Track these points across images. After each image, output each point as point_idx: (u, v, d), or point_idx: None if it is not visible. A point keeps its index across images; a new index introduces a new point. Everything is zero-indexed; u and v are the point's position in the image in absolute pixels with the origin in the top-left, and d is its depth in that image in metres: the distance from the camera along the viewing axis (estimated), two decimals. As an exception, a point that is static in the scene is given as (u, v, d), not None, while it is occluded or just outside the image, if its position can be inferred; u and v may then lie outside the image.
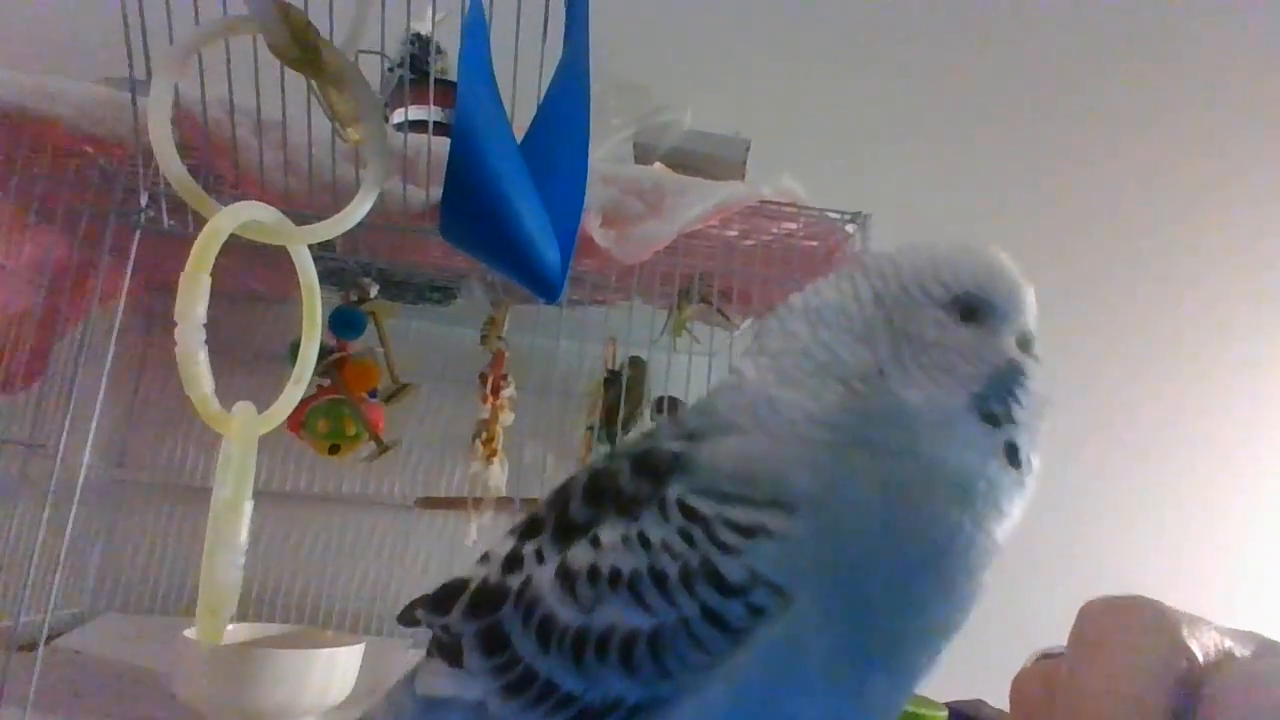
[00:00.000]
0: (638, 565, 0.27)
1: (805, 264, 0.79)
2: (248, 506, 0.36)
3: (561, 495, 0.32)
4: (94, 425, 0.66)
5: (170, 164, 0.39)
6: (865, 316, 0.31)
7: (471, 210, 0.44)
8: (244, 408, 0.38)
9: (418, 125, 0.73)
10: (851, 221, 0.72)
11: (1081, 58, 1.32)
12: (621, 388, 1.01)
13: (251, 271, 0.92)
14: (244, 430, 0.37)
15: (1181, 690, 0.27)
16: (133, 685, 0.78)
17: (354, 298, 0.92)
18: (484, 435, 0.96)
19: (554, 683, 0.28)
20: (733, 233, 0.76)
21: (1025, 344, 0.32)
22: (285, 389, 0.42)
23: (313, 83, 0.59)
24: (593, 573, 0.28)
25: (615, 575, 0.28)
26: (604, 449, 1.04)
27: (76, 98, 0.68)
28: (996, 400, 0.30)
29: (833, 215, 0.72)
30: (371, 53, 0.58)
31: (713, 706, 0.27)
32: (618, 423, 1.01)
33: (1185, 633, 0.28)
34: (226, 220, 0.38)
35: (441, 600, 0.33)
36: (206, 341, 0.37)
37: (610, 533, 0.29)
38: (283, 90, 0.60)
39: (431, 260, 0.85)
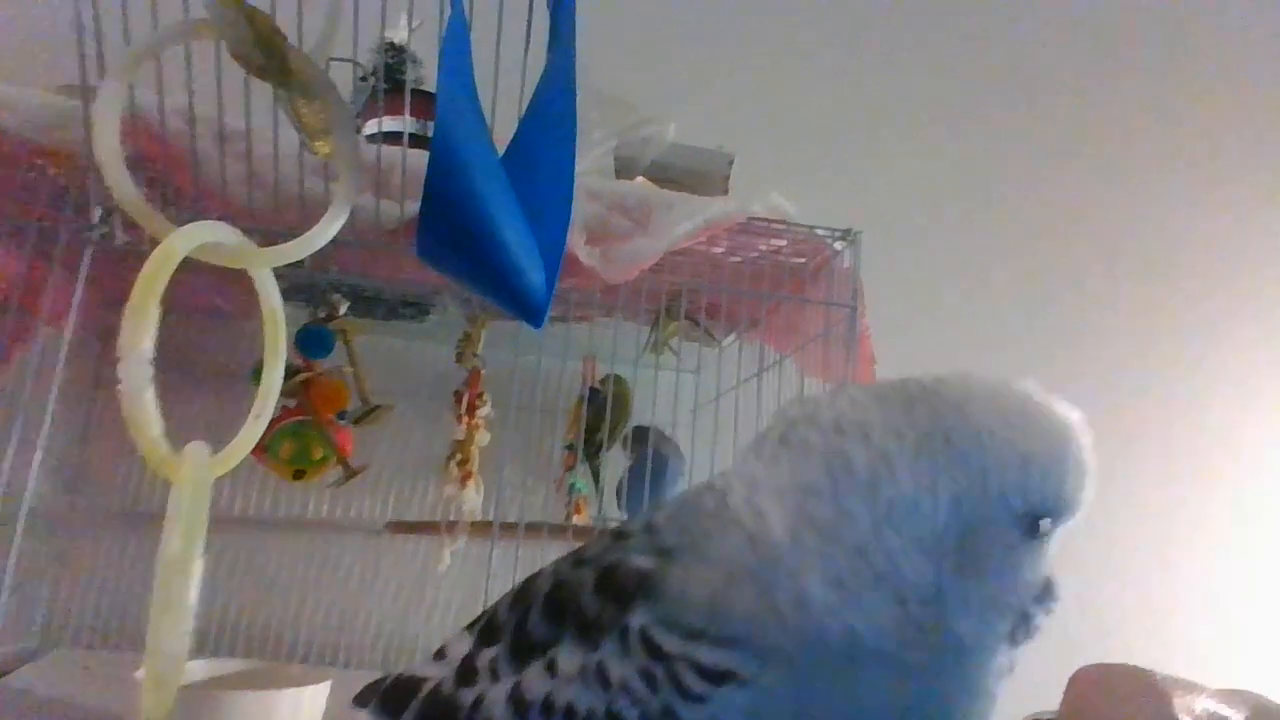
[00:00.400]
0: (594, 705, 0.26)
1: (792, 281, 0.77)
2: (198, 565, 0.33)
3: (521, 601, 0.30)
4: (38, 449, 0.62)
5: (117, 177, 0.36)
6: (938, 524, 0.26)
7: (451, 229, 0.41)
8: (196, 449, 0.35)
9: (391, 137, 0.69)
10: (841, 239, 0.70)
11: (1075, 70, 1.32)
12: (601, 406, 0.99)
13: (212, 287, 0.88)
14: (195, 476, 0.34)
15: None
16: (83, 729, 0.73)
17: (322, 315, 0.88)
18: (459, 456, 0.93)
19: None
20: (719, 249, 0.74)
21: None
22: (245, 425, 0.39)
23: (279, 92, 0.56)
24: (547, 706, 0.27)
25: (569, 712, 0.26)
26: (584, 468, 1.02)
27: (25, 106, 0.63)
28: (1027, 627, 0.29)
29: (822, 233, 0.71)
30: (343, 60, 0.55)
31: None
32: (596, 442, 0.99)
33: (1175, 702, 0.28)
34: (180, 242, 0.35)
35: (394, 699, 0.32)
36: (161, 359, 0.34)
37: (568, 660, 0.27)
38: (247, 99, 0.57)
39: (404, 276, 0.82)
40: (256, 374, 0.85)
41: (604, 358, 0.98)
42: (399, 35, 0.81)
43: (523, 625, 0.29)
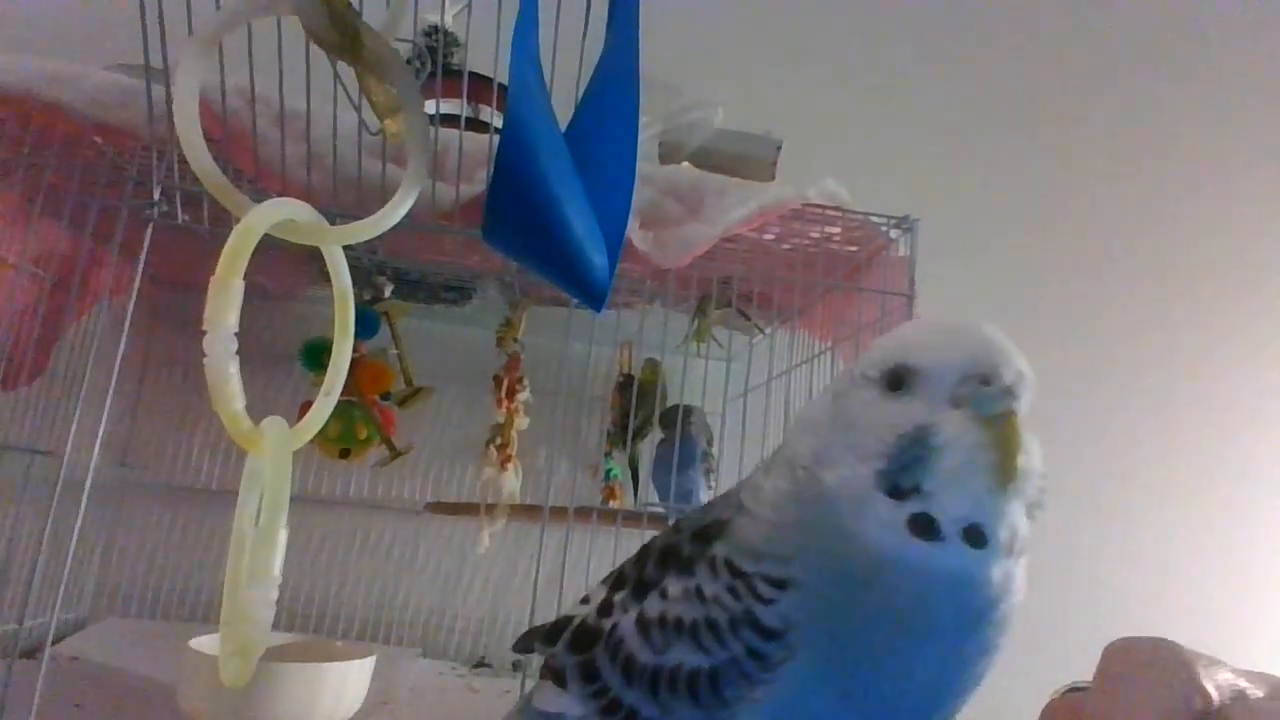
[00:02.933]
0: (695, 615, 0.33)
1: (843, 269, 0.77)
2: (282, 535, 0.33)
3: (641, 559, 0.39)
4: (103, 426, 0.63)
5: (198, 153, 0.36)
6: (821, 409, 0.35)
7: (519, 213, 0.41)
8: (275, 423, 0.35)
9: (446, 119, 0.69)
10: (897, 227, 0.69)
11: (1140, 58, 1.28)
12: (638, 392, 0.99)
13: (261, 267, 0.89)
14: (277, 448, 0.34)
15: None
16: (134, 697, 0.75)
17: (367, 297, 0.89)
18: (498, 440, 0.93)
19: (636, 710, 0.34)
20: (769, 236, 0.73)
21: (971, 400, 0.31)
22: (316, 401, 0.39)
23: (338, 71, 0.56)
24: (662, 621, 0.34)
25: (679, 623, 0.34)
26: (620, 454, 1.02)
27: (87, 84, 0.64)
28: (902, 473, 0.31)
29: (877, 220, 0.70)
30: (404, 41, 0.55)
31: None
32: (631, 428, 0.99)
33: (1201, 673, 0.29)
34: (260, 219, 0.35)
35: (552, 633, 0.40)
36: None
37: (674, 586, 0.35)
38: (307, 79, 0.57)
39: (447, 260, 0.82)
40: (305, 355, 0.88)
41: (644, 345, 0.98)
42: (437, 18, 0.80)
43: (641, 573, 0.38)
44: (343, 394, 0.85)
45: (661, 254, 0.63)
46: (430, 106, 0.74)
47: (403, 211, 0.40)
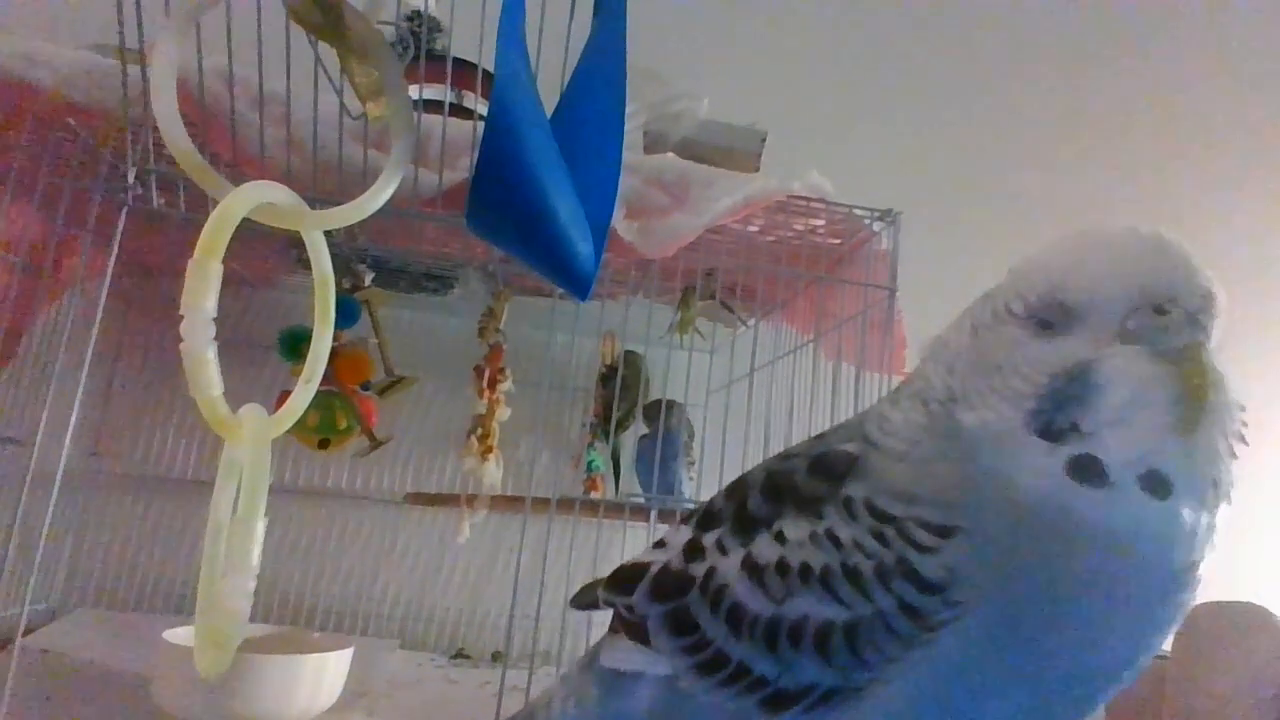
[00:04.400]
0: (829, 561, 0.29)
1: (825, 262, 0.77)
2: (260, 525, 0.33)
3: (737, 490, 0.34)
4: (74, 414, 0.62)
5: (177, 139, 0.35)
6: (959, 347, 0.31)
7: (504, 199, 0.40)
8: (254, 411, 0.35)
9: (429, 105, 0.68)
10: (881, 220, 0.70)
11: (1122, 50, 1.29)
12: (618, 384, 0.99)
13: (238, 254, 0.87)
14: (255, 436, 0.34)
15: None
16: (106, 688, 0.74)
17: (347, 285, 0.88)
18: (479, 430, 0.93)
19: (747, 666, 0.30)
20: (753, 228, 0.73)
21: (1143, 335, 0.27)
22: (296, 388, 0.39)
23: (319, 53, 0.55)
24: (781, 566, 0.30)
25: (805, 570, 0.29)
26: (602, 445, 1.02)
27: (61, 64, 0.62)
28: (1055, 413, 0.27)
29: (860, 213, 0.70)
30: (386, 24, 0.54)
31: (898, 697, 0.28)
32: (616, 420, 0.99)
33: None
34: (240, 201, 0.34)
35: (622, 581, 0.35)
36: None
37: (795, 529, 0.30)
38: (287, 61, 0.56)
39: (428, 248, 0.81)
40: (283, 343, 0.86)
41: (626, 337, 0.98)
42: (419, 3, 0.79)
43: (742, 509, 0.33)
44: (322, 384, 0.85)
45: (646, 244, 0.63)
46: (413, 92, 0.73)
47: (385, 196, 0.39)
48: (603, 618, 0.37)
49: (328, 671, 0.67)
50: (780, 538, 0.30)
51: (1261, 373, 1.27)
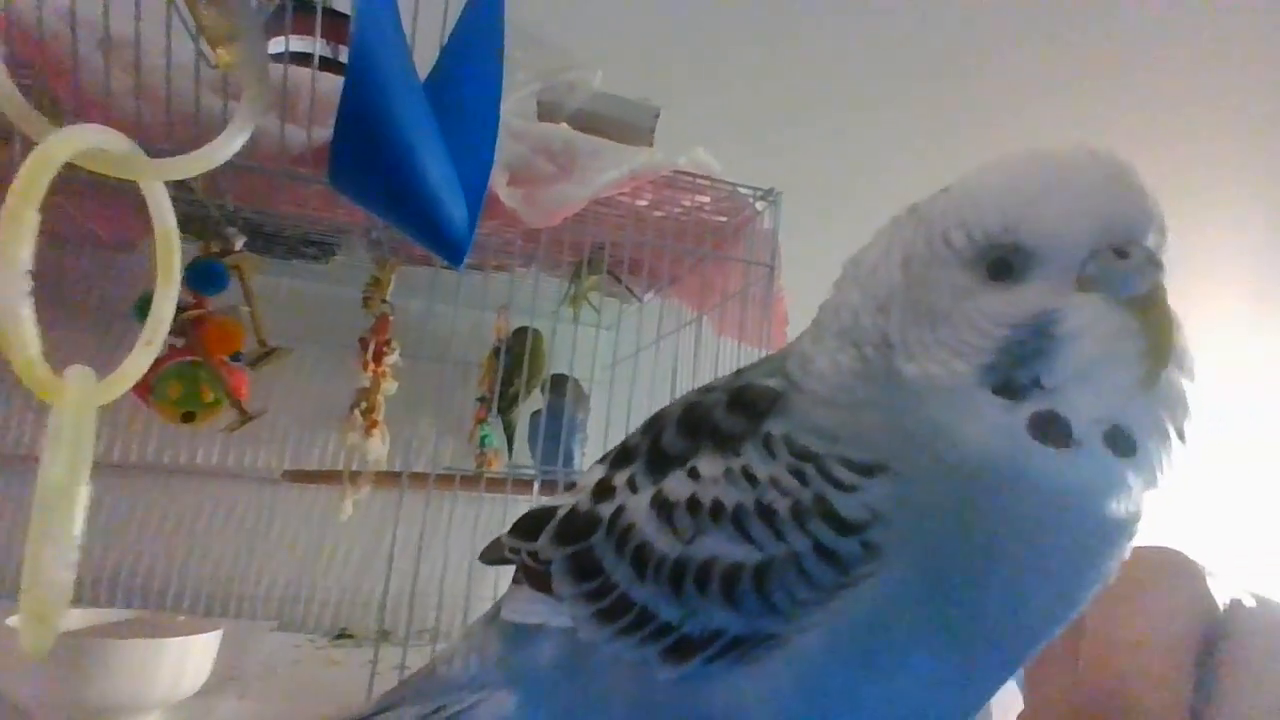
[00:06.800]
0: (742, 499, 0.27)
1: (713, 239, 0.78)
2: (83, 491, 0.30)
3: (651, 427, 0.31)
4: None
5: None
6: (890, 282, 0.28)
7: (368, 155, 0.39)
8: (79, 373, 0.32)
9: (298, 58, 0.65)
10: (763, 199, 0.71)
11: (1008, 30, 1.33)
12: (512, 358, 0.97)
13: (93, 213, 0.81)
14: (79, 400, 0.31)
15: (1207, 635, 0.27)
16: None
17: (215, 249, 0.83)
18: (363, 405, 0.90)
19: (650, 611, 0.28)
20: (643, 202, 0.73)
21: (1106, 281, 0.25)
22: (133, 351, 0.36)
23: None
24: (692, 504, 0.28)
25: (717, 508, 0.27)
26: (495, 421, 1.00)
27: None
28: (1014, 368, 0.25)
29: (744, 191, 0.71)
30: (248, -33, 0.50)
31: (812, 648, 0.26)
32: (510, 395, 0.97)
33: (1209, 580, 0.28)
34: (61, 145, 0.31)
35: (527, 527, 0.32)
36: (33, 294, 0.30)
37: (710, 465, 0.28)
38: (137, 2, 0.52)
39: (308, 212, 0.78)
40: (141, 309, 0.80)
41: (520, 310, 0.96)
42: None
43: (656, 444, 0.30)
44: (188, 353, 0.81)
45: (531, 213, 0.62)
46: (297, 44, 0.69)
47: (234, 148, 0.36)
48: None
49: (192, 655, 0.64)
50: (694, 474, 0.28)
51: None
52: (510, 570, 0.35)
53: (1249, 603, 0.30)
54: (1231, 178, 1.39)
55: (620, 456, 0.32)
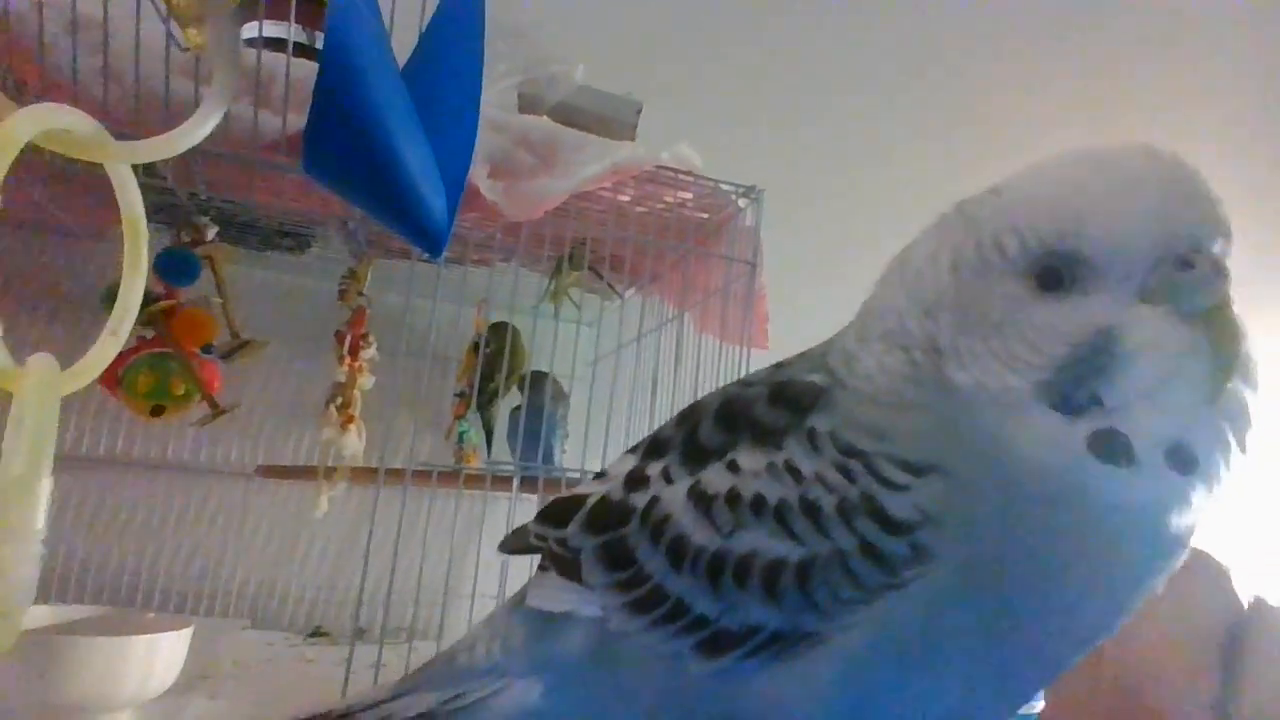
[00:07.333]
0: (785, 494, 0.26)
1: (694, 236, 0.77)
2: (45, 485, 0.29)
3: (687, 420, 0.31)
4: None
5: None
6: (938, 286, 0.27)
7: (344, 142, 0.38)
8: (42, 361, 0.31)
9: (273, 43, 0.63)
10: (745, 196, 0.70)
11: (993, 29, 1.33)
12: (491, 354, 0.96)
13: (60, 200, 0.79)
14: (41, 390, 0.30)
15: (1230, 633, 0.27)
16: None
17: (187, 239, 0.81)
18: (339, 399, 0.88)
19: (686, 603, 0.27)
20: (625, 198, 0.72)
21: (1170, 294, 0.24)
22: (99, 340, 0.35)
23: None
24: (731, 497, 0.27)
25: (758, 502, 0.27)
26: (474, 417, 0.99)
27: None
28: (1073, 386, 0.24)
29: (727, 188, 0.70)
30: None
31: (853, 647, 0.25)
32: (489, 391, 0.96)
33: (1233, 579, 0.29)
34: (24, 124, 0.30)
35: (555, 513, 0.32)
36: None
37: (750, 459, 0.28)
38: (105, -19, 0.50)
39: (283, 201, 0.76)
40: (108, 298, 0.78)
41: (499, 306, 0.95)
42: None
43: (693, 436, 0.30)
44: (158, 345, 0.79)
45: (511, 206, 0.61)
46: (272, 29, 0.67)
47: (203, 132, 0.35)
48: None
49: (160, 653, 0.63)
50: (733, 467, 0.28)
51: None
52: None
53: (1272, 601, 0.30)
54: (1232, 177, 1.40)
55: (652, 448, 0.31)
